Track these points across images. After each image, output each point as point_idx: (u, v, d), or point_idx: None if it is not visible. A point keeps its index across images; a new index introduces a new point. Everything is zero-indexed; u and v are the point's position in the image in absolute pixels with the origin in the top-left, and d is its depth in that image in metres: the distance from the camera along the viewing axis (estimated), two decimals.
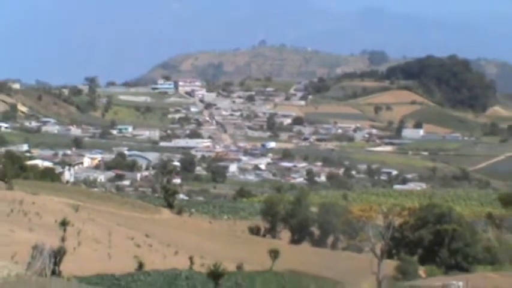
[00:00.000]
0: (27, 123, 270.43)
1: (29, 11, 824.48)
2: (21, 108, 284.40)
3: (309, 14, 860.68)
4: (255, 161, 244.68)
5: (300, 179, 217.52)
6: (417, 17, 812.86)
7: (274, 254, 76.28)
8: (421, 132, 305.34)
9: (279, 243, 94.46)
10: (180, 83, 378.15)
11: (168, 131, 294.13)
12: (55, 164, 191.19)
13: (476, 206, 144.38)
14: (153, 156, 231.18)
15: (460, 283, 49.39)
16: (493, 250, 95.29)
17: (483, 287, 30.44)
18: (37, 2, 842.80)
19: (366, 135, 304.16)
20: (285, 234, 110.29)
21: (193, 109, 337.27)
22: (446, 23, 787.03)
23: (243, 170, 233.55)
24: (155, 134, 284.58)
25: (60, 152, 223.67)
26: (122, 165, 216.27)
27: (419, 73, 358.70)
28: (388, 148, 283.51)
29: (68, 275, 57.31)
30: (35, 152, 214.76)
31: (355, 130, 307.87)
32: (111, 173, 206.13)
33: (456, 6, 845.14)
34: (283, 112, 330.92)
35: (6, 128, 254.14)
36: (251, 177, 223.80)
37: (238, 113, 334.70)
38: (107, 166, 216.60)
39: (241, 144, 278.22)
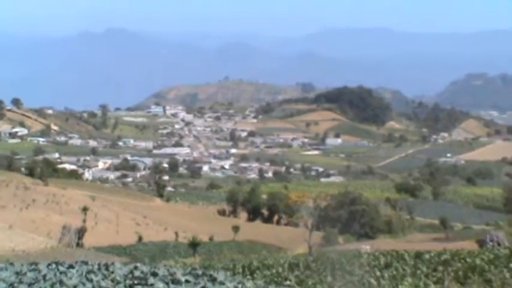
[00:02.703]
0: (58, 138, 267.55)
1: (58, 57, 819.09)
2: (54, 127, 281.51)
3: (259, 57, 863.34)
4: (221, 163, 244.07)
5: (253, 175, 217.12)
6: (337, 59, 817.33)
7: (236, 228, 76.70)
8: (339, 140, 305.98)
9: (239, 221, 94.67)
10: (167, 108, 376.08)
11: (159, 142, 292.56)
12: (78, 167, 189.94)
13: (379, 192, 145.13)
14: (148, 161, 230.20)
15: (368, 247, 49.80)
16: (390, 223, 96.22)
17: (383, 249, 30.89)
18: (64, 51, 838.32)
19: (300, 143, 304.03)
20: (243, 215, 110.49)
21: (176, 126, 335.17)
22: (356, 64, 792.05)
23: (213, 169, 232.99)
24: (150, 144, 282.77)
25: (82, 158, 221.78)
26: (126, 167, 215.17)
27: (337, 98, 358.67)
28: (316, 152, 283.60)
29: (88, 246, 57.23)
30: (64, 158, 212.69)
31: (292, 140, 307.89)
32: (118, 173, 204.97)
33: (364, 51, 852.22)
34: (241, 127, 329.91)
35: (43, 141, 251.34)
36: (219, 174, 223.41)
37: (209, 129, 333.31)
38: (115, 168, 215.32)
39: (212, 151, 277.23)
